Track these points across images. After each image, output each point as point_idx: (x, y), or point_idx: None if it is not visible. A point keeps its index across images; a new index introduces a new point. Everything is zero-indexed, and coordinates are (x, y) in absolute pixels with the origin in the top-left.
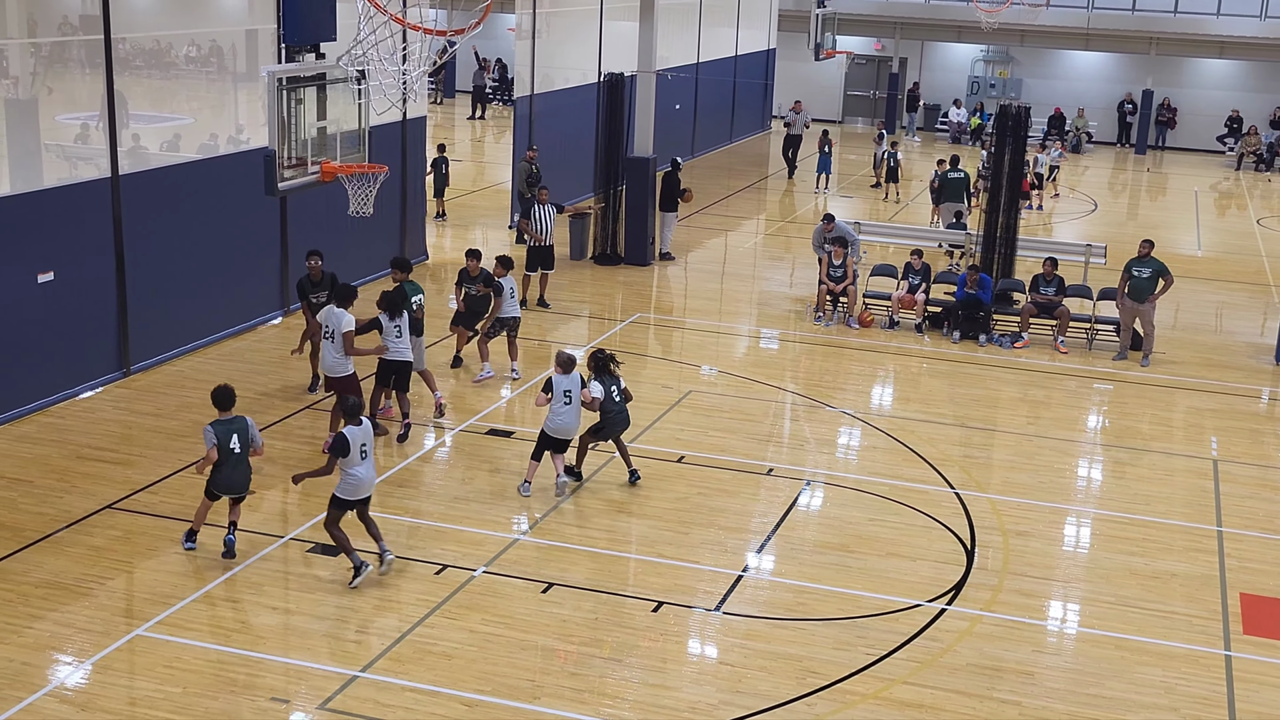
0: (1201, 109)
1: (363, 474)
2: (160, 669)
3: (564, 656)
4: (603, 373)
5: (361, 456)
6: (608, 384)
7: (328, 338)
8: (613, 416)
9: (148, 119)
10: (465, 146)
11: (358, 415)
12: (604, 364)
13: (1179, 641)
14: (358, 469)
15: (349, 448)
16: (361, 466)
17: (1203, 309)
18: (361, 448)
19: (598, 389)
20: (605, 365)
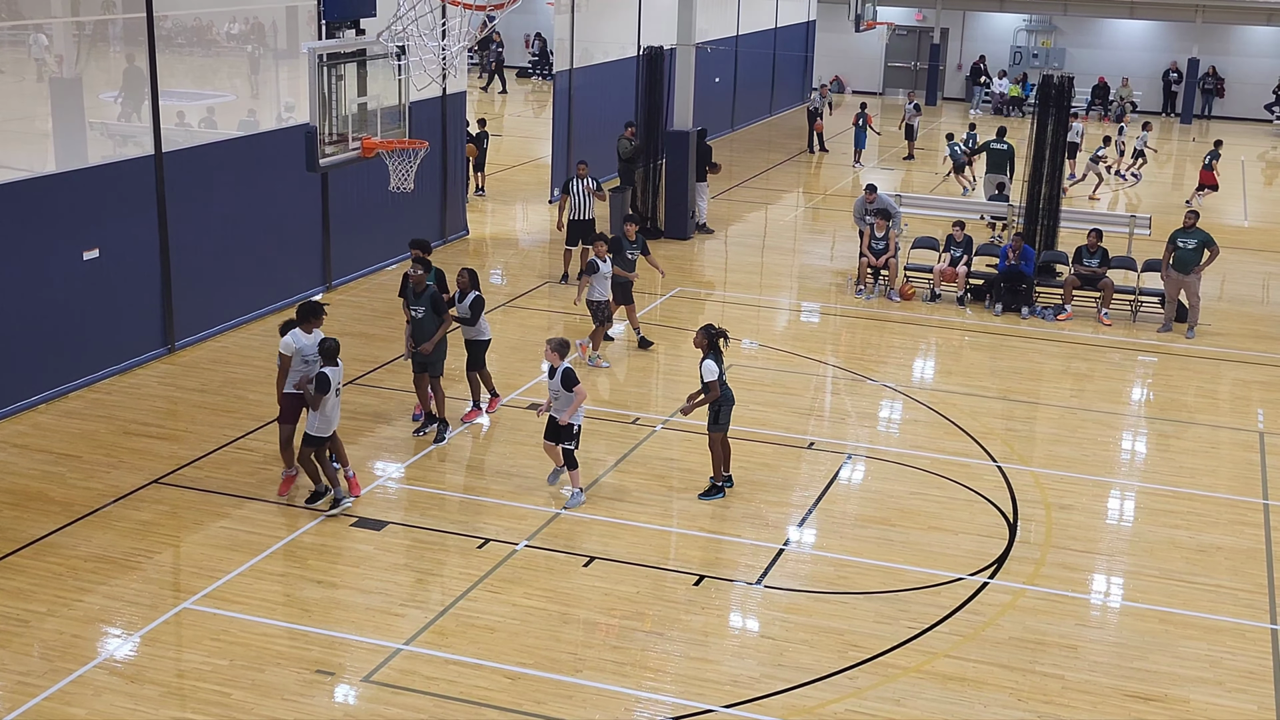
0: (1248, 77)
1: (333, 413)
2: (207, 641)
3: (606, 630)
4: (715, 350)
5: (335, 395)
6: (721, 364)
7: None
8: (729, 399)
9: (190, 96)
10: (506, 121)
11: (334, 357)
12: (716, 340)
13: (1224, 615)
14: (332, 410)
15: (329, 385)
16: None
17: (1249, 280)
18: (336, 388)
19: (712, 369)
20: (717, 342)
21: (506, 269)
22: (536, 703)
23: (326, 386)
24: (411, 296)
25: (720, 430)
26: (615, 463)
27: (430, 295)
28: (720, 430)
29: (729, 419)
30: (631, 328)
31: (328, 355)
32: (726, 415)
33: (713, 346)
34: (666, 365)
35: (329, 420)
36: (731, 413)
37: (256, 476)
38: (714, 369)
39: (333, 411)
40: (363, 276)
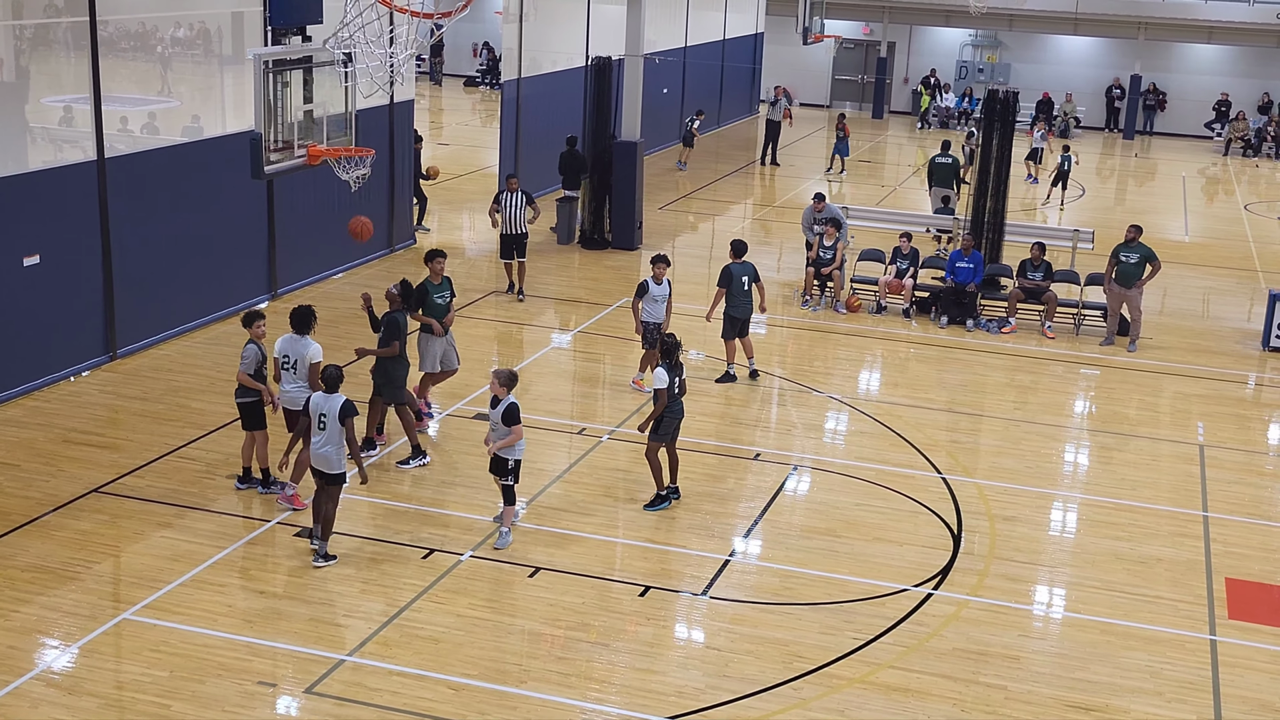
0: (1190, 94)
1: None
2: (147, 653)
3: (551, 641)
4: (670, 359)
5: (319, 426)
6: (673, 374)
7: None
8: (675, 411)
9: (132, 102)
10: (453, 130)
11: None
12: (672, 350)
13: (1164, 626)
14: (315, 440)
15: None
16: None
17: (1190, 295)
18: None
19: (662, 378)
20: (673, 352)
21: (454, 278)
22: (481, 714)
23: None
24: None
25: (658, 440)
26: (561, 473)
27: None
28: (658, 440)
29: (670, 431)
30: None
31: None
32: (667, 427)
33: (666, 355)
34: (612, 376)
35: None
36: (676, 426)
37: (198, 486)
38: (663, 377)
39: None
40: (309, 285)
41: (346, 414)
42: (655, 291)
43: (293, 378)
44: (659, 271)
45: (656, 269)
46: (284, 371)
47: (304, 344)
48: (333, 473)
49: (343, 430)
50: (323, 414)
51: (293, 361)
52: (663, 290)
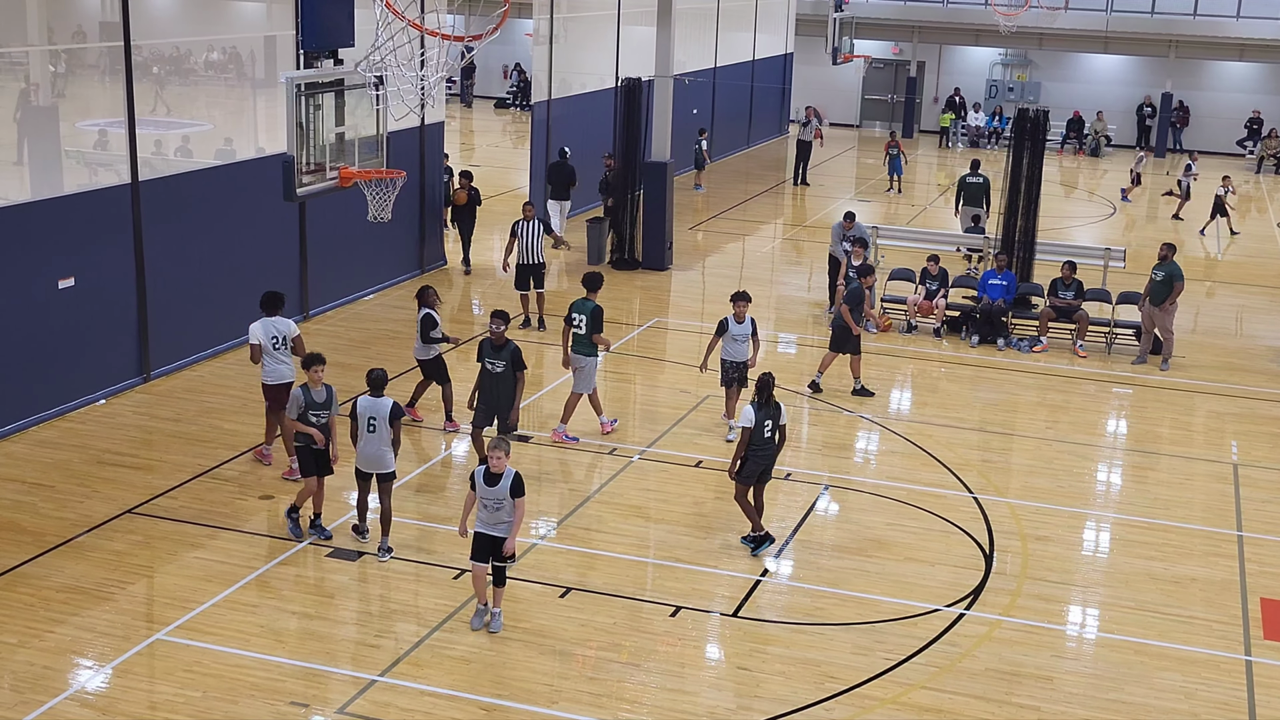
0: (1221, 112)
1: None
2: (180, 673)
3: (582, 661)
4: (762, 397)
5: (369, 429)
6: (762, 416)
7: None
8: (759, 454)
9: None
10: (484, 152)
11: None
12: (765, 388)
13: (1199, 646)
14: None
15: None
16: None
17: (1223, 313)
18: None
19: (748, 416)
20: (766, 390)
21: (484, 299)
22: None
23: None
24: (490, 350)
25: (744, 482)
26: (593, 493)
27: (513, 351)
28: (744, 482)
29: (754, 473)
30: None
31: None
32: (751, 470)
33: (759, 393)
34: (643, 396)
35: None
36: (764, 469)
37: (231, 506)
38: (750, 415)
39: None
40: (340, 306)
41: (396, 415)
42: (735, 330)
43: (285, 355)
44: (740, 310)
45: (737, 307)
46: (276, 350)
47: (285, 324)
48: (387, 471)
49: (391, 431)
50: (372, 418)
51: (281, 338)
52: (744, 329)
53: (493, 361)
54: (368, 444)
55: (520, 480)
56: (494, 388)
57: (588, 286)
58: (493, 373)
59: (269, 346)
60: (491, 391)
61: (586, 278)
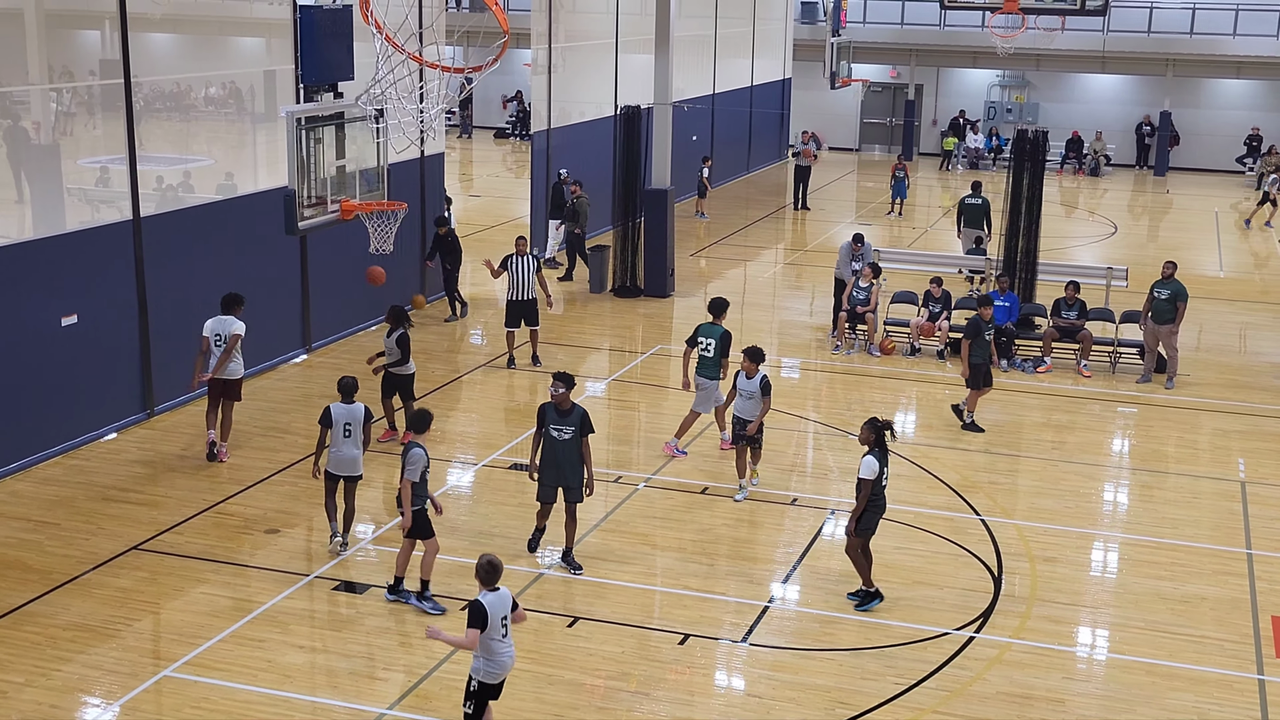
0: (1220, 129)
1: (342, 452)
2: (188, 709)
3: (591, 691)
4: (880, 447)
5: (344, 434)
6: (882, 466)
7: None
8: (879, 505)
9: (167, 161)
10: (483, 182)
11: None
12: (882, 434)
13: (1210, 666)
14: (338, 447)
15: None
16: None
17: (1226, 330)
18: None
19: (871, 467)
20: (883, 436)
21: (486, 329)
22: None
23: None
24: (555, 415)
25: (862, 536)
26: (599, 522)
27: (580, 415)
28: (862, 536)
29: (871, 525)
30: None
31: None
32: (869, 521)
33: (879, 442)
34: (648, 423)
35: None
36: (877, 521)
37: (236, 541)
38: (874, 466)
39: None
40: (343, 338)
41: (369, 419)
42: (743, 386)
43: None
44: (748, 368)
45: (746, 365)
46: (215, 348)
47: (228, 322)
48: (359, 474)
49: (364, 434)
50: (348, 424)
51: (223, 338)
52: (752, 385)
53: (559, 428)
54: (344, 449)
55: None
56: (561, 457)
57: (714, 312)
58: (559, 440)
59: (212, 342)
60: (558, 461)
61: (713, 303)
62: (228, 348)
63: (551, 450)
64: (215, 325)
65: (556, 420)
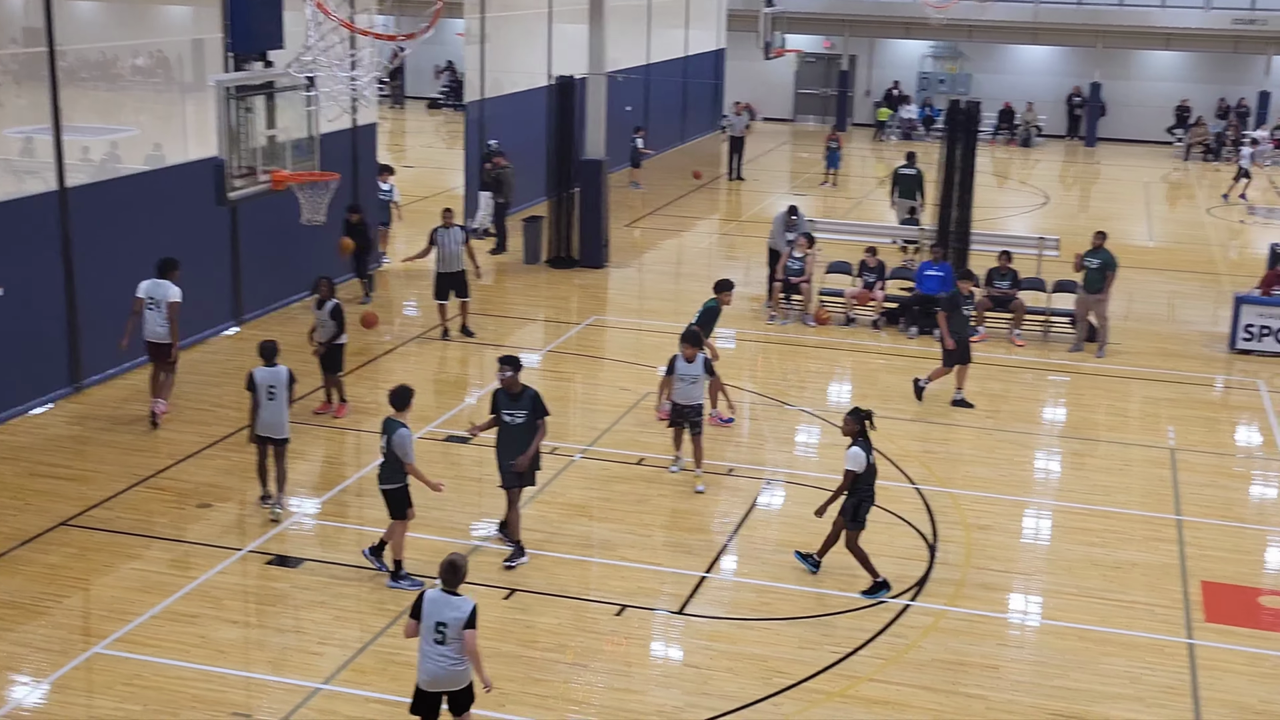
0: (1149, 101)
1: (268, 415)
2: (119, 687)
3: (528, 663)
4: (864, 436)
5: (269, 398)
6: (869, 453)
7: (153, 308)
8: (870, 494)
9: (93, 131)
10: (416, 153)
11: (272, 358)
12: (864, 424)
13: (1142, 631)
14: (264, 411)
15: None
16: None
17: (1156, 299)
18: (269, 389)
19: (857, 458)
20: (864, 426)
21: (420, 300)
22: None
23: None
24: (505, 400)
25: (858, 529)
26: (535, 493)
27: (531, 397)
28: (858, 529)
29: (865, 516)
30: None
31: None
32: (865, 513)
33: (861, 432)
34: (583, 394)
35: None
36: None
37: (168, 516)
38: (860, 458)
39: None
40: (274, 311)
41: (292, 381)
42: (683, 370)
43: (157, 317)
44: (687, 352)
45: (684, 349)
46: (148, 310)
47: (164, 286)
48: (285, 436)
49: (290, 395)
50: (271, 386)
51: (156, 301)
52: (693, 369)
53: (511, 413)
54: (269, 412)
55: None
56: (516, 441)
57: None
58: (512, 424)
59: (145, 303)
60: (511, 446)
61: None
62: (169, 318)
63: (507, 435)
64: (149, 288)
65: (508, 405)
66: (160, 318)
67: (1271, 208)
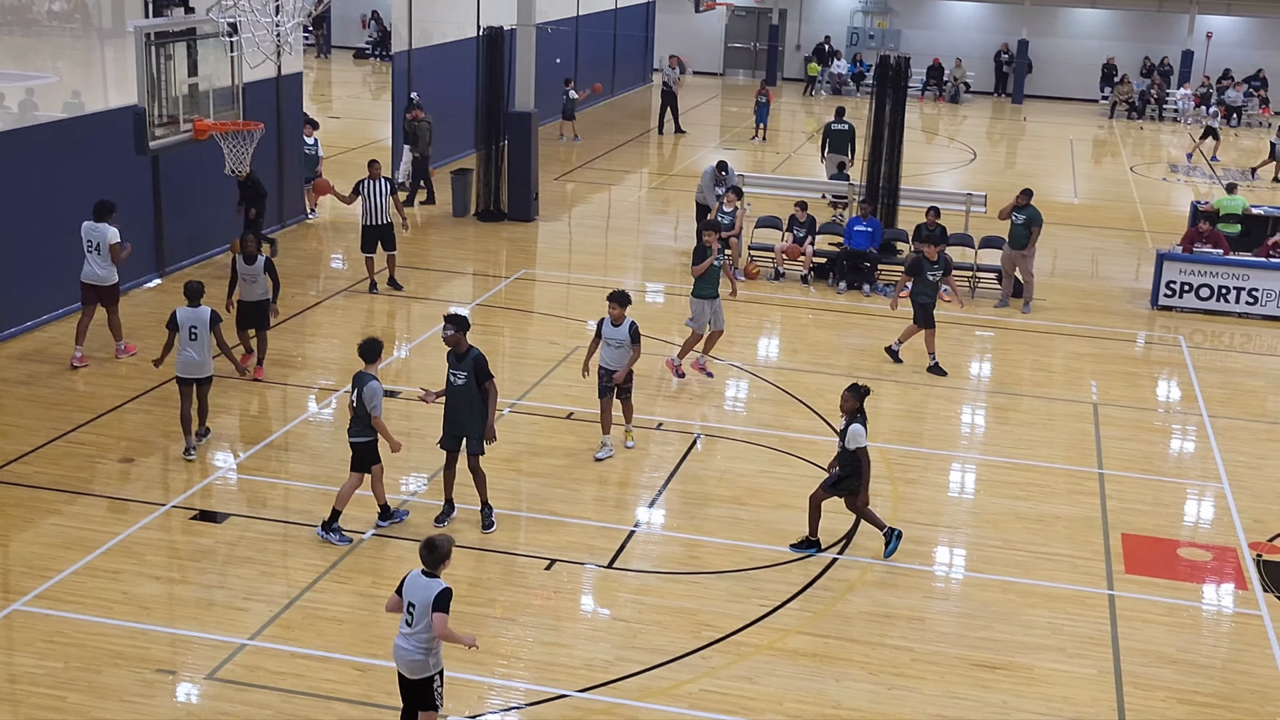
0: (1075, 58)
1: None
2: (40, 644)
3: (455, 618)
4: (863, 412)
5: (190, 337)
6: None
7: (92, 251)
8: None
9: (8, 78)
10: (342, 104)
11: (196, 299)
12: (863, 400)
13: (1064, 583)
14: (185, 350)
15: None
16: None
17: (1080, 256)
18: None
19: (860, 434)
20: (863, 402)
21: (347, 254)
22: (388, 694)
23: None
24: (452, 359)
25: (841, 495)
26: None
27: (474, 358)
28: (841, 495)
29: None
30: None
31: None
32: (850, 485)
33: (860, 409)
34: (512, 348)
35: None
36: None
37: (89, 470)
38: (862, 434)
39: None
40: (199, 262)
41: (215, 322)
42: (609, 333)
43: (96, 258)
44: (614, 311)
45: (611, 309)
46: (89, 253)
47: (102, 229)
48: (206, 375)
49: (212, 337)
50: (193, 326)
51: (95, 244)
52: (620, 333)
53: (455, 372)
54: (189, 351)
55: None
56: (459, 403)
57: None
58: (455, 385)
59: (86, 245)
60: (455, 407)
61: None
62: (112, 259)
63: (452, 396)
64: (88, 230)
65: (454, 365)
66: (100, 259)
67: (1193, 166)
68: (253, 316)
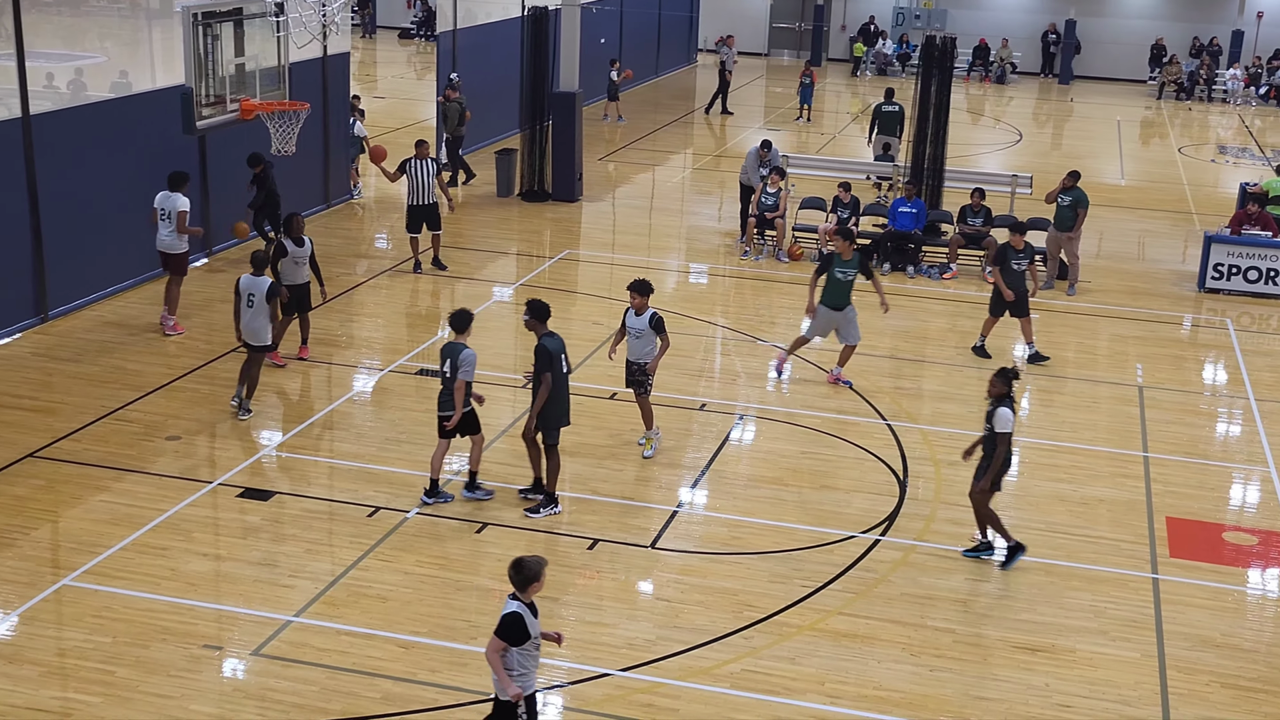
0: (1123, 38)
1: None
2: (89, 619)
3: (499, 596)
4: (1011, 397)
5: (248, 304)
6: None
7: (165, 219)
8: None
9: (58, 58)
10: (387, 84)
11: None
12: (1011, 384)
13: (1107, 566)
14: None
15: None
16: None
17: (1126, 238)
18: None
19: (1008, 418)
20: (1012, 386)
21: (392, 233)
22: (431, 671)
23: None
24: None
25: (997, 488)
26: (506, 427)
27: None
28: (997, 488)
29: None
30: (1025, 342)
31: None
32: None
33: (1008, 393)
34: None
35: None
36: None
37: (137, 448)
38: (1010, 418)
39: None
40: (244, 244)
41: (273, 293)
42: (632, 324)
43: (167, 227)
44: (636, 301)
45: (632, 299)
46: (161, 221)
47: (174, 198)
48: (259, 344)
49: (269, 307)
50: (251, 293)
51: (167, 212)
52: (641, 323)
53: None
54: (247, 318)
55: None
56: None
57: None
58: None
59: (159, 214)
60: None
61: (844, 230)
62: (177, 228)
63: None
64: (161, 199)
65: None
66: (170, 228)
67: (1242, 147)
68: (295, 300)
